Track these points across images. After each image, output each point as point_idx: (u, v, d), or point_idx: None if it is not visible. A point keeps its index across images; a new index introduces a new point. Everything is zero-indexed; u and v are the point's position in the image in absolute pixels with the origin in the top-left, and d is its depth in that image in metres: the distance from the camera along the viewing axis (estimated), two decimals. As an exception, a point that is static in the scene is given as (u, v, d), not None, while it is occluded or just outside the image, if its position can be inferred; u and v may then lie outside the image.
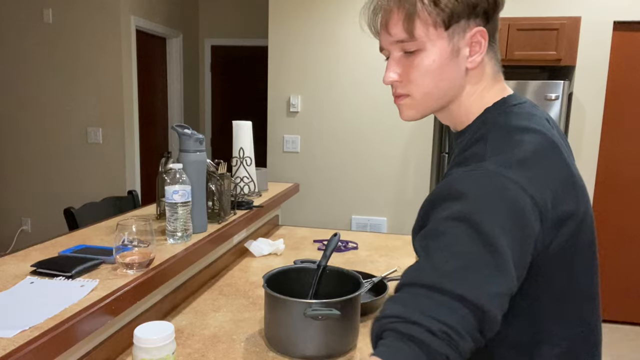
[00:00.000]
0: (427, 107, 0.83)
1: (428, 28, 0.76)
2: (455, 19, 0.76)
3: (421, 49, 0.78)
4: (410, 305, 0.62)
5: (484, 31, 0.78)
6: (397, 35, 0.79)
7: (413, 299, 0.63)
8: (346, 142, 3.60)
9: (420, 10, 0.76)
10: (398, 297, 0.65)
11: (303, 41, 3.57)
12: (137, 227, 1.16)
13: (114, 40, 3.94)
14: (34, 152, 4.19)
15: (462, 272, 0.63)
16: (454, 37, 0.77)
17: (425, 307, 0.61)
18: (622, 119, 3.34)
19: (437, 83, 0.79)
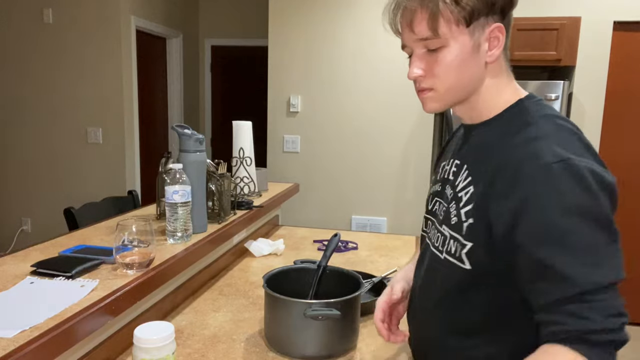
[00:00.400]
0: (450, 100, 0.88)
1: (451, 26, 0.81)
2: (476, 16, 0.80)
3: (444, 45, 0.82)
4: (589, 317, 0.71)
5: (501, 27, 0.83)
6: (421, 33, 0.82)
7: (587, 309, 0.71)
8: (346, 142, 3.60)
9: (443, 9, 0.80)
10: (570, 309, 0.72)
11: (303, 41, 3.57)
12: (137, 227, 1.16)
13: (114, 40, 3.94)
14: (34, 152, 4.19)
15: (602, 262, 0.72)
16: (475, 33, 0.82)
17: (599, 310, 0.70)
18: (622, 118, 3.34)
19: (459, 77, 0.84)
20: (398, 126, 3.51)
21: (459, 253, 0.85)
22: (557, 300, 0.72)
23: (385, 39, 3.44)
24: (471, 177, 0.86)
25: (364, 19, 3.46)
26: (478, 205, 0.82)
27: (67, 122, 4.10)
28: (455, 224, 0.87)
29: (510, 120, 0.85)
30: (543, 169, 0.74)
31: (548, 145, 0.76)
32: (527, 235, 0.74)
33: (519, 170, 0.76)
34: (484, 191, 0.81)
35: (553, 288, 0.73)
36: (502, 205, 0.77)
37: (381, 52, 3.45)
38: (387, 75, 3.47)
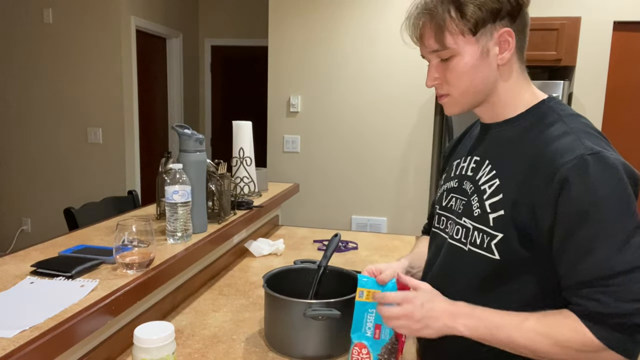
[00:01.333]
0: (467, 103, 0.93)
1: (457, 37, 0.86)
2: (481, 25, 0.85)
3: (454, 55, 0.88)
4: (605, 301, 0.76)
5: (510, 31, 0.87)
6: (431, 46, 0.90)
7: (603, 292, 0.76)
8: (346, 142, 3.60)
9: (448, 23, 0.86)
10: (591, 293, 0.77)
11: (303, 41, 3.57)
12: (137, 227, 1.16)
13: (114, 40, 3.94)
14: (34, 152, 4.19)
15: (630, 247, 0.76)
16: (482, 40, 0.87)
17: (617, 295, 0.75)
18: (622, 118, 3.34)
19: (471, 82, 0.90)
20: (398, 126, 3.51)
21: (486, 244, 0.88)
22: (578, 284, 0.78)
23: (385, 39, 3.44)
24: (495, 170, 0.90)
25: (363, 19, 3.46)
26: (510, 198, 0.85)
27: (67, 122, 4.10)
28: (478, 216, 0.90)
29: (537, 119, 0.90)
30: (579, 161, 0.78)
31: (580, 139, 0.81)
32: (567, 220, 0.78)
33: (555, 163, 0.80)
34: (518, 185, 0.85)
35: (581, 268, 0.78)
36: (543, 197, 0.81)
37: (381, 52, 3.45)
38: (388, 75, 3.47)
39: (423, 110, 3.46)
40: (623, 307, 0.75)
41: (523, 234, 0.83)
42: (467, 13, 0.84)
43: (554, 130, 0.85)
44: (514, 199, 0.85)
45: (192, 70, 5.25)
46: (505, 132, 0.93)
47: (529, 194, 0.83)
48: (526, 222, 0.83)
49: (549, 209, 0.80)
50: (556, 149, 0.81)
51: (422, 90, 3.42)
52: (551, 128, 0.86)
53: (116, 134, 4.04)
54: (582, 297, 0.78)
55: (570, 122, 0.86)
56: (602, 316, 0.76)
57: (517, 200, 0.84)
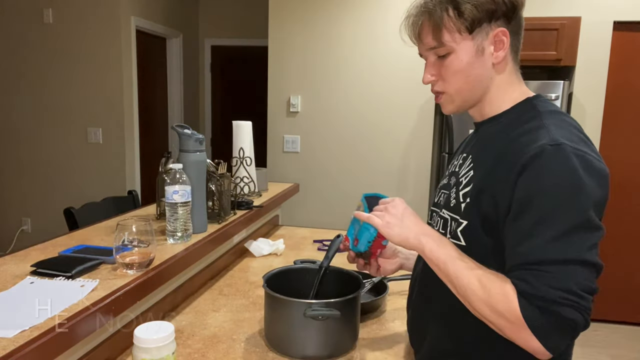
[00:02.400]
0: (462, 100, 0.96)
1: (454, 34, 0.89)
2: (477, 24, 0.88)
3: (450, 52, 0.91)
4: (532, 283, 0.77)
5: (505, 31, 0.90)
6: (428, 43, 0.92)
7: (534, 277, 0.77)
8: (346, 142, 3.60)
9: (446, 21, 0.89)
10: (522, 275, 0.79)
11: (303, 41, 3.57)
12: (137, 227, 1.16)
13: (114, 40, 3.94)
14: (34, 152, 4.19)
15: (568, 239, 0.77)
16: (478, 39, 0.90)
17: (546, 280, 0.76)
18: (622, 118, 3.34)
19: (466, 79, 0.92)
20: (398, 126, 3.51)
21: (454, 231, 0.93)
22: (514, 266, 0.81)
23: (385, 39, 3.44)
24: (473, 163, 0.95)
25: (364, 19, 3.46)
26: (477, 187, 0.89)
27: (67, 122, 4.10)
28: (453, 206, 0.95)
29: (517, 115, 0.93)
30: (538, 149, 0.81)
31: (547, 132, 0.83)
32: (516, 205, 0.81)
33: (518, 153, 0.83)
34: (484, 175, 0.89)
35: (517, 254, 0.81)
36: (504, 185, 0.84)
37: (381, 52, 3.45)
38: (388, 75, 3.47)
39: (423, 110, 3.46)
40: (549, 292, 0.75)
41: (485, 220, 0.87)
42: (465, 12, 0.87)
43: (528, 125, 0.88)
44: (480, 188, 0.88)
45: (192, 70, 5.25)
46: (489, 129, 0.97)
47: (493, 183, 0.86)
48: (488, 209, 0.86)
49: (507, 196, 0.83)
50: (524, 140, 0.84)
51: (422, 90, 3.42)
52: (527, 124, 0.88)
53: (116, 134, 4.04)
54: (516, 277, 0.79)
55: (546, 118, 0.87)
56: (530, 296, 0.77)
57: (482, 188, 0.88)
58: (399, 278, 1.58)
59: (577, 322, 0.76)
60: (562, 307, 0.75)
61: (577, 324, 0.76)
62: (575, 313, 0.75)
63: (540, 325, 0.76)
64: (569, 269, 0.76)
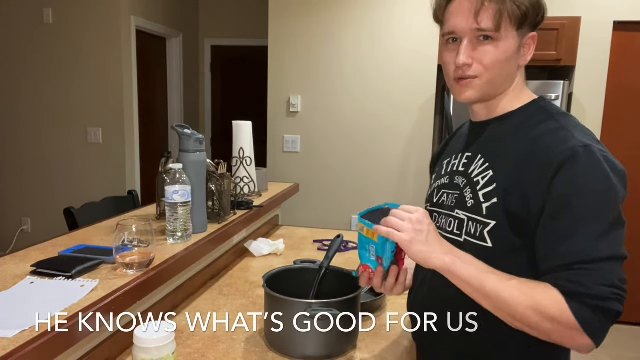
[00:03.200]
0: (487, 91, 0.95)
1: (508, 24, 0.90)
2: (524, 22, 0.91)
3: (498, 40, 0.90)
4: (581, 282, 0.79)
5: (535, 36, 0.94)
6: (484, 23, 0.89)
7: (583, 276, 0.79)
8: (346, 142, 3.60)
9: (509, 7, 0.89)
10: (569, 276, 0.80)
11: (303, 41, 3.57)
12: (137, 227, 1.16)
13: (114, 40, 3.94)
14: (34, 152, 4.19)
15: (607, 237, 0.80)
16: (520, 36, 0.92)
17: (593, 278, 0.78)
18: (622, 119, 3.34)
19: (502, 71, 0.93)
20: (398, 126, 3.51)
21: (479, 233, 0.91)
22: (556, 267, 0.81)
23: (385, 39, 3.44)
24: (488, 163, 0.94)
25: (364, 19, 3.46)
26: (502, 187, 0.89)
27: (67, 122, 4.10)
28: (472, 207, 0.93)
29: (528, 116, 0.95)
30: (571, 151, 0.83)
31: (572, 134, 0.86)
32: (553, 206, 0.83)
33: (549, 154, 0.85)
34: (509, 175, 0.89)
35: (565, 253, 0.81)
36: (537, 186, 0.85)
37: (381, 52, 3.45)
38: (387, 74, 3.47)
39: (423, 110, 3.46)
40: (601, 290, 0.78)
41: (514, 220, 0.87)
42: (522, 6, 0.89)
43: (545, 126, 0.90)
44: (506, 188, 0.88)
45: (192, 70, 5.25)
46: (498, 129, 0.97)
47: (522, 183, 0.86)
48: (518, 209, 0.86)
49: (541, 196, 0.84)
50: (550, 141, 0.87)
51: (422, 90, 3.42)
52: (543, 124, 0.91)
53: (116, 134, 4.04)
54: (563, 279, 0.80)
55: (561, 120, 0.91)
56: (581, 296, 0.78)
57: (510, 189, 0.88)
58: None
59: (621, 312, 0.80)
60: (613, 303, 0.78)
61: (621, 313, 0.80)
62: (620, 305, 0.79)
63: (593, 323, 0.78)
64: (612, 266, 0.79)
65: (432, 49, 3.29)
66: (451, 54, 0.94)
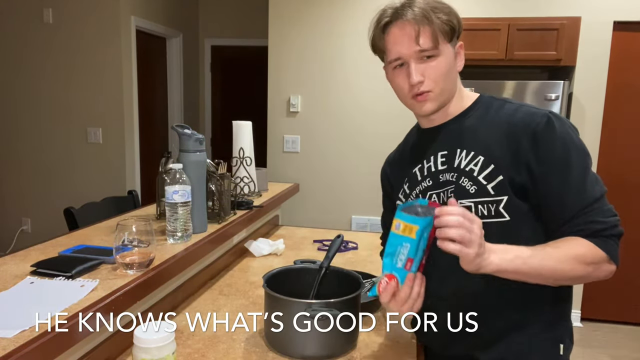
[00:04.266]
0: (442, 100, 1.07)
1: (443, 40, 1.02)
2: (454, 34, 1.04)
3: (438, 55, 1.02)
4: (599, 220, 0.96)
5: (462, 44, 1.09)
6: (424, 45, 1.01)
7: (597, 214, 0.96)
8: (346, 142, 3.60)
9: (440, 27, 1.01)
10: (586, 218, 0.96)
11: (303, 41, 3.57)
12: (137, 227, 1.16)
13: (114, 40, 3.94)
14: (34, 152, 4.19)
15: (596, 179, 0.99)
16: (453, 47, 1.05)
17: (604, 213, 0.96)
18: (622, 119, 3.34)
19: (448, 80, 1.05)
20: (398, 126, 3.50)
21: (494, 211, 0.99)
22: (578, 212, 0.95)
23: (385, 39, 3.43)
24: (474, 151, 1.03)
25: (363, 19, 3.45)
26: (501, 164, 0.99)
27: (67, 122, 4.10)
28: (476, 192, 1.01)
29: (486, 107, 1.08)
30: (544, 117, 0.98)
31: (531, 107, 1.03)
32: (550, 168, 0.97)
33: (529, 124, 0.98)
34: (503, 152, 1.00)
35: (575, 202, 0.95)
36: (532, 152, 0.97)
37: (381, 52, 3.45)
38: (387, 75, 3.47)
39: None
40: (610, 221, 0.95)
41: (520, 189, 0.98)
42: (452, 21, 1.02)
43: (508, 108, 1.05)
44: (506, 164, 0.99)
45: (192, 70, 5.25)
46: (463, 123, 1.08)
47: (517, 155, 0.98)
48: (522, 178, 0.98)
49: (536, 159, 0.97)
50: (523, 115, 1.01)
51: (422, 90, 3.41)
52: (505, 107, 1.05)
53: (116, 134, 4.04)
54: (582, 223, 0.95)
55: (513, 102, 1.07)
56: (601, 232, 0.94)
57: (508, 164, 0.99)
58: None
59: (623, 232, 0.98)
60: (619, 228, 0.96)
61: (623, 233, 0.98)
62: (621, 228, 0.97)
63: (613, 249, 0.95)
64: (605, 199, 0.97)
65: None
66: (402, 77, 1.06)
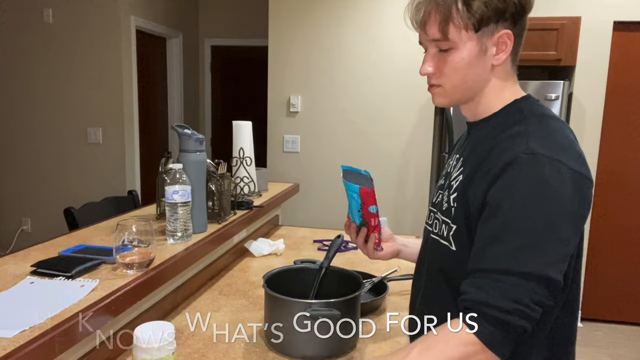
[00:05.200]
0: (456, 97, 0.94)
1: (460, 30, 0.86)
2: (485, 23, 0.86)
3: (453, 47, 0.88)
4: (488, 292, 0.78)
5: (510, 33, 0.88)
6: (433, 35, 0.88)
7: (491, 286, 0.78)
8: (346, 142, 3.60)
9: (454, 15, 0.85)
10: (480, 282, 0.79)
11: (303, 41, 3.57)
12: (137, 227, 1.16)
13: (114, 40, 3.94)
14: (34, 152, 4.19)
15: (528, 251, 0.77)
16: (483, 38, 0.87)
17: (500, 290, 0.77)
18: (622, 119, 3.34)
19: (464, 77, 0.90)
20: (398, 126, 3.51)
21: (446, 235, 0.93)
22: (474, 270, 0.81)
23: (385, 39, 3.43)
24: (462, 167, 0.94)
25: (364, 19, 3.46)
26: (461, 191, 0.90)
27: (67, 122, 4.10)
28: (446, 210, 0.94)
29: (505, 118, 0.91)
30: (512, 158, 0.81)
31: (527, 140, 0.82)
32: (486, 210, 0.83)
33: (495, 159, 0.84)
34: (467, 179, 0.89)
35: (479, 259, 0.81)
36: (478, 190, 0.85)
37: (381, 52, 3.45)
38: (387, 75, 3.47)
39: (423, 110, 3.46)
40: (503, 303, 0.76)
41: (471, 224, 0.87)
42: (473, 8, 0.84)
43: (513, 130, 0.87)
44: (462, 193, 0.89)
45: (192, 70, 5.25)
46: (479, 131, 0.96)
47: (474, 188, 0.86)
48: (471, 214, 0.86)
49: (480, 200, 0.84)
50: (504, 147, 0.84)
51: (422, 90, 3.39)
52: (512, 128, 0.87)
53: (116, 134, 4.04)
54: (473, 285, 0.80)
55: (530, 124, 0.87)
56: (481, 305, 0.77)
57: (466, 194, 0.88)
58: (399, 278, 1.58)
59: (526, 329, 0.77)
60: (512, 317, 0.76)
61: (526, 330, 0.77)
62: (523, 321, 0.77)
63: (492, 335, 0.77)
64: (527, 284, 0.76)
65: (432, 49, 3.28)
66: None
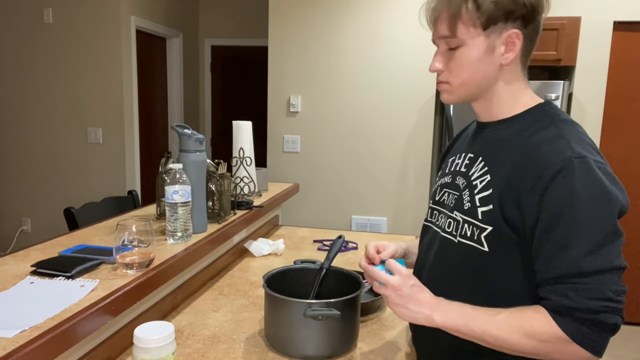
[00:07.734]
0: (463, 94, 0.96)
1: (468, 28, 0.89)
2: (493, 22, 0.88)
3: (461, 45, 0.91)
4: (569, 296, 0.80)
5: (519, 33, 0.89)
6: (442, 32, 0.92)
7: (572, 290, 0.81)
8: (346, 142, 3.60)
9: (463, 13, 0.88)
10: (559, 289, 0.82)
11: (303, 41, 3.57)
12: (137, 227, 1.16)
13: (114, 40, 3.94)
14: (34, 152, 4.19)
15: (601, 250, 0.81)
16: (491, 37, 0.89)
17: (583, 292, 0.80)
18: (622, 119, 3.34)
19: (472, 75, 0.92)
20: (398, 126, 3.51)
21: (476, 236, 0.91)
22: (554, 278, 0.82)
23: (385, 39, 3.43)
24: (487, 167, 0.94)
25: (364, 19, 3.46)
26: (498, 193, 0.89)
27: (67, 122, 4.10)
28: (468, 210, 0.94)
29: (531, 121, 0.93)
30: (565, 162, 0.82)
31: (569, 144, 0.84)
32: (548, 218, 0.82)
33: (544, 163, 0.84)
34: (505, 182, 0.88)
35: (546, 268, 0.83)
36: (532, 196, 0.84)
37: (381, 52, 3.45)
38: (387, 75, 3.47)
39: (423, 110, 3.46)
40: (590, 304, 0.79)
41: (511, 228, 0.87)
42: (483, 7, 0.87)
43: (546, 133, 0.88)
44: (502, 195, 0.88)
45: (192, 70, 5.25)
46: (500, 132, 0.96)
47: (517, 191, 0.86)
48: (513, 217, 0.86)
49: (534, 206, 0.84)
50: (547, 150, 0.85)
51: (422, 90, 3.42)
52: (544, 131, 0.89)
53: (116, 134, 4.04)
54: (553, 292, 0.82)
55: (563, 128, 0.89)
56: (569, 310, 0.80)
57: (505, 196, 0.88)
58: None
59: (617, 324, 0.81)
60: (604, 315, 0.80)
61: (618, 325, 0.81)
62: (615, 317, 0.80)
63: (585, 335, 0.80)
64: (605, 279, 0.80)
65: (432, 49, 3.28)
66: None
